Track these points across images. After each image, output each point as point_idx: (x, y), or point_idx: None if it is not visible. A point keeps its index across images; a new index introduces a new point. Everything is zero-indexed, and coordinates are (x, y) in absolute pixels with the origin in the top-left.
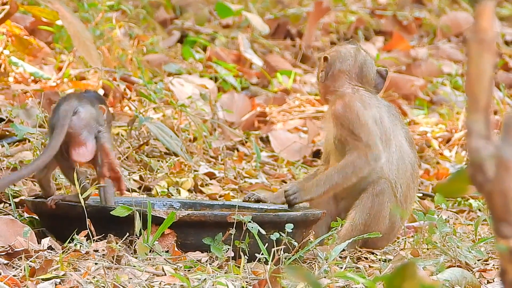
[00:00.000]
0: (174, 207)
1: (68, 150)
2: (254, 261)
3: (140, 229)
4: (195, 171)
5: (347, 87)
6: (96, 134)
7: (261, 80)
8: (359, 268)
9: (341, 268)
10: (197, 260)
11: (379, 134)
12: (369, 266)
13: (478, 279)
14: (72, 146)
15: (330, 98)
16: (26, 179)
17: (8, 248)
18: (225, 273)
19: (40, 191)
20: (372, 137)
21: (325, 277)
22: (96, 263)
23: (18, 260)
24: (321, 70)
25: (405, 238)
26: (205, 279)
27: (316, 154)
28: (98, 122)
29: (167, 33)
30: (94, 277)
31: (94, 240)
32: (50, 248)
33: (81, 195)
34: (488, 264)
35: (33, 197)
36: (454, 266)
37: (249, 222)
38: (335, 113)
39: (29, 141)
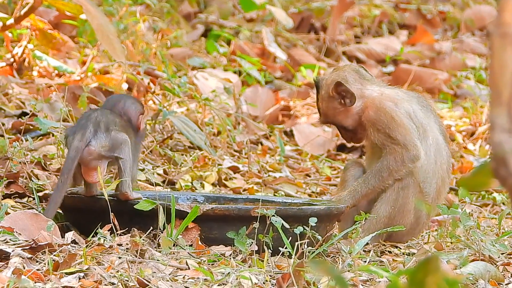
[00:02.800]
0: (198, 201)
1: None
2: (277, 255)
3: (164, 223)
4: (219, 165)
5: (368, 90)
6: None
7: (285, 74)
8: (382, 262)
9: (365, 262)
10: (220, 254)
11: (416, 129)
12: (393, 260)
13: (502, 273)
14: (84, 169)
15: (358, 112)
16: (50, 173)
17: (32, 242)
18: (249, 267)
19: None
20: (409, 137)
21: (348, 271)
22: (119, 257)
23: (42, 254)
24: (342, 97)
25: (429, 232)
26: (229, 273)
27: (340, 148)
28: (116, 145)
29: (191, 27)
30: (117, 271)
31: (117, 234)
32: (73, 242)
33: (104, 189)
34: None
35: None
36: (478, 260)
37: (273, 216)
38: (369, 119)
39: (53, 135)
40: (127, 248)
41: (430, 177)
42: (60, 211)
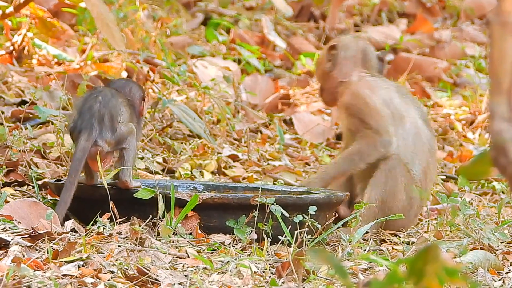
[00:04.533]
0: (198, 190)
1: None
2: (277, 243)
3: (164, 212)
4: (218, 153)
5: (353, 75)
6: (118, 151)
7: (284, 62)
8: (382, 250)
9: (364, 250)
10: (220, 243)
11: (391, 115)
12: (392, 248)
13: (502, 261)
14: (90, 161)
15: (338, 91)
16: (50, 161)
17: (32, 231)
18: (248, 255)
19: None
20: (382, 123)
21: (348, 260)
22: (119, 246)
23: (41, 242)
24: (329, 60)
25: (428, 221)
26: (228, 261)
27: (340, 136)
28: (123, 137)
29: (191, 15)
30: (117, 260)
31: (117, 222)
32: (73, 230)
33: (104, 178)
34: (511, 246)
35: (56, 180)
36: (477, 249)
37: (273, 204)
38: (344, 103)
39: (52, 124)
40: (126, 237)
41: (412, 159)
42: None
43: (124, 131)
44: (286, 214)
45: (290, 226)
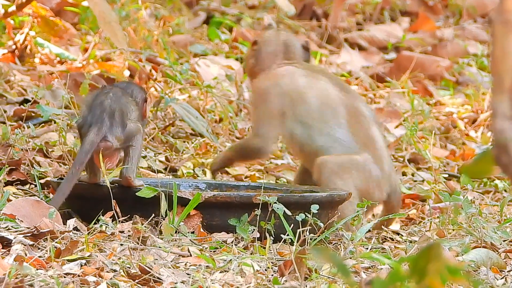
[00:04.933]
0: (200, 188)
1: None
2: (279, 242)
3: (166, 210)
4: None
5: (272, 67)
6: (124, 148)
7: None
8: (384, 249)
9: (367, 249)
10: (222, 241)
11: (310, 102)
12: (395, 247)
13: (504, 260)
14: (96, 158)
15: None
16: (52, 160)
17: (34, 229)
18: (251, 254)
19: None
20: (262, 126)
21: (350, 258)
22: (121, 244)
23: (44, 241)
24: (252, 56)
25: (430, 219)
26: (231, 260)
27: None
28: (131, 136)
29: (193, 14)
30: (119, 258)
31: (119, 221)
32: (75, 229)
33: (106, 177)
34: None
35: (59, 178)
36: (480, 247)
37: (275, 203)
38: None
39: (54, 122)
40: (129, 235)
41: (356, 148)
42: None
43: (133, 128)
44: (289, 213)
45: (292, 225)
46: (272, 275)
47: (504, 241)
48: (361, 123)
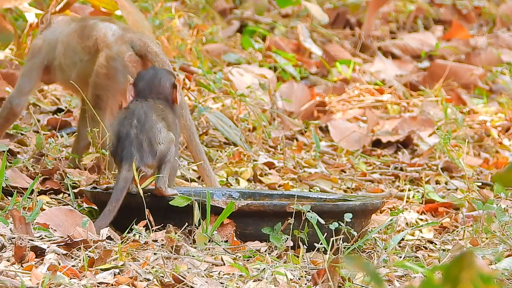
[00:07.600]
0: (233, 197)
1: None
2: (313, 250)
3: (199, 219)
4: (254, 160)
5: None
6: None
7: (320, 70)
8: (418, 257)
9: (400, 257)
10: (256, 250)
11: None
12: (428, 255)
13: None
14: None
15: None
16: (85, 169)
17: (67, 239)
18: (284, 262)
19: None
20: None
21: (384, 267)
22: (155, 253)
23: (77, 250)
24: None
25: (464, 228)
26: (264, 268)
27: (376, 143)
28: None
29: (227, 23)
30: (153, 267)
31: (153, 230)
32: (109, 238)
33: (140, 186)
34: None
35: (92, 188)
36: None
37: (308, 211)
38: None
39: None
40: (162, 244)
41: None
42: (96, 207)
43: (163, 149)
44: (322, 221)
45: (325, 233)
46: (306, 284)
47: None
48: None
